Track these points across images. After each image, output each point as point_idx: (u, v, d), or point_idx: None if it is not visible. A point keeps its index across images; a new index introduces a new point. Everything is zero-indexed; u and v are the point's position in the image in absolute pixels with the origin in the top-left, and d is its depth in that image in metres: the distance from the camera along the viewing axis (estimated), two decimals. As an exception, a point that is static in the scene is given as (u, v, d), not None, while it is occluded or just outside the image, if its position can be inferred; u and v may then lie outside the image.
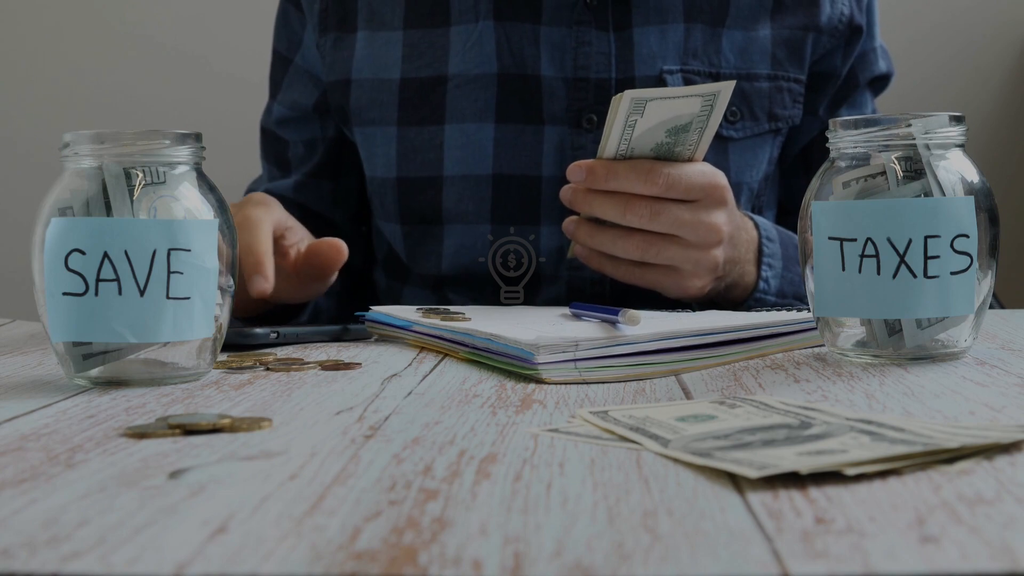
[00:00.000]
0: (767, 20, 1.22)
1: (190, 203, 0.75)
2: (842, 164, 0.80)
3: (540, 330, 0.81)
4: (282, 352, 0.90)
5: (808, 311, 0.85)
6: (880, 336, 0.79)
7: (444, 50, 1.20)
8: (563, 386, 0.73)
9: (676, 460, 0.52)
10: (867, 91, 1.30)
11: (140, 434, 0.59)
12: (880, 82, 1.31)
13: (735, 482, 0.48)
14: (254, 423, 0.61)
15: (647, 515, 0.43)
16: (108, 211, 0.74)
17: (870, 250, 0.76)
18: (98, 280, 0.72)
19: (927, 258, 0.75)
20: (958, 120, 0.79)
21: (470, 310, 0.98)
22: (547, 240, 1.19)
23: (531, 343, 0.75)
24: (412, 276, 1.26)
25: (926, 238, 0.75)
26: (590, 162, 1.01)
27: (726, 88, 0.96)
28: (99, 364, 0.74)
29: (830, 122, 0.81)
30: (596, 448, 0.55)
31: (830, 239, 0.77)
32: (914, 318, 0.77)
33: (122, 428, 0.61)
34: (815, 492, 0.46)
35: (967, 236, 0.76)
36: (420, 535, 0.41)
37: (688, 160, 1.01)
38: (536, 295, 1.20)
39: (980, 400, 0.65)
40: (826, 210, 0.78)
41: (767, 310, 1.01)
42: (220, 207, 0.76)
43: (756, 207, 1.25)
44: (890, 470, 0.48)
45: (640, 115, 0.95)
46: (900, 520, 0.42)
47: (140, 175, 0.74)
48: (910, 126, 0.78)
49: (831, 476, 0.47)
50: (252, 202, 1.08)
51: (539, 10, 1.19)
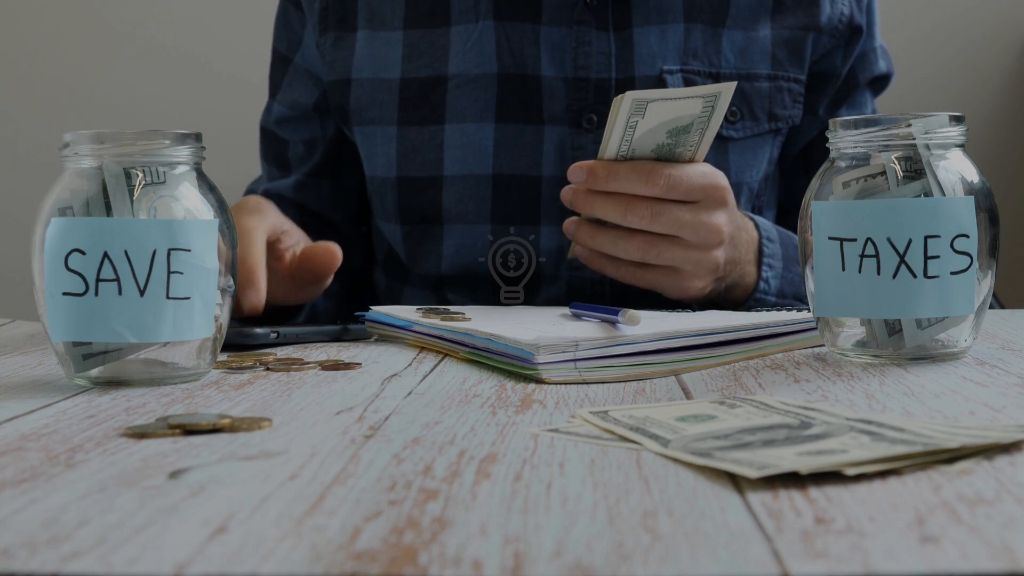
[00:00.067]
0: (767, 20, 1.22)
1: (190, 203, 0.75)
2: (842, 164, 0.80)
3: (540, 330, 0.81)
4: (282, 352, 0.90)
5: (808, 311, 0.85)
6: (880, 336, 0.78)
7: (444, 50, 1.20)
8: (563, 386, 0.73)
9: (676, 460, 0.52)
10: (867, 91, 1.30)
11: (140, 434, 0.59)
12: (880, 82, 1.31)
13: (735, 482, 0.48)
14: (254, 423, 0.61)
15: (647, 515, 0.43)
16: (108, 211, 0.74)
17: (870, 250, 0.76)
18: (98, 280, 0.72)
19: (927, 258, 0.75)
20: (958, 120, 0.79)
21: (470, 310, 0.98)
22: (547, 240, 1.19)
23: (531, 343, 0.75)
24: (412, 276, 1.26)
25: (926, 238, 0.75)
26: (591, 163, 1.01)
27: (727, 89, 0.96)
28: (99, 364, 0.74)
29: (830, 122, 0.81)
30: (596, 448, 0.55)
31: (830, 239, 0.77)
32: (914, 318, 0.77)
33: (122, 428, 0.61)
34: (815, 492, 0.46)
35: (967, 236, 0.76)
36: (420, 535, 0.41)
37: (689, 161, 1.01)
38: (536, 295, 1.20)
39: (980, 400, 0.65)
40: (826, 210, 0.78)
41: (767, 310, 1.01)
42: (220, 207, 0.76)
43: (756, 207, 1.25)
44: (890, 470, 0.48)
45: (641, 116, 0.95)
46: (900, 520, 0.42)
47: (140, 175, 0.74)
48: (910, 126, 0.78)
49: (831, 476, 0.47)
50: (246, 209, 1.07)
51: (539, 10, 1.19)
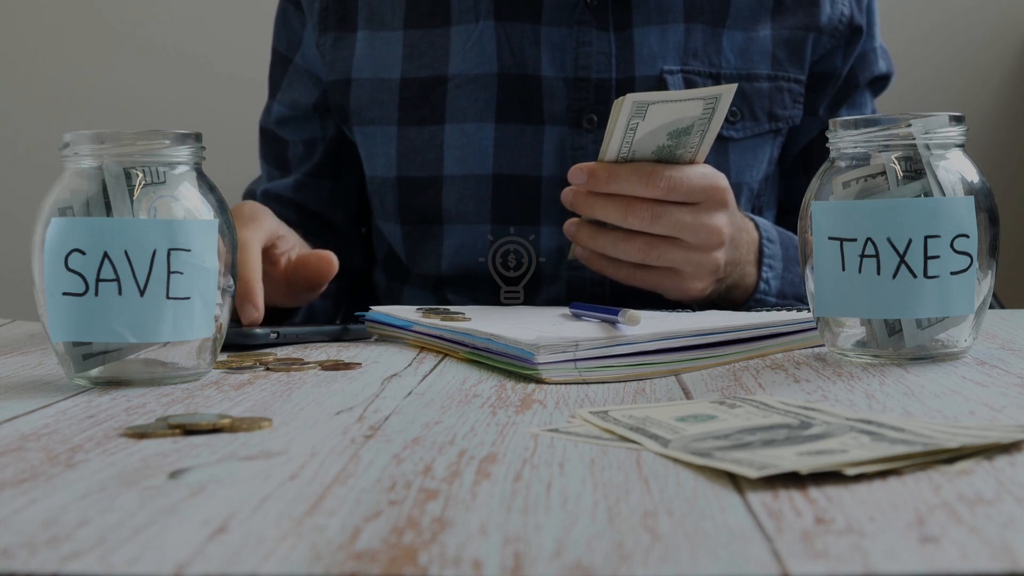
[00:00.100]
0: (767, 20, 1.22)
1: (190, 203, 0.75)
2: (842, 164, 0.80)
3: (540, 330, 0.81)
4: (282, 352, 0.90)
5: (808, 311, 0.85)
6: (880, 336, 0.78)
7: (444, 50, 1.20)
8: (563, 386, 0.73)
9: (676, 460, 0.52)
10: (867, 91, 1.30)
11: (140, 434, 0.59)
12: (880, 82, 1.31)
13: (735, 482, 0.48)
14: (254, 423, 0.61)
15: (647, 515, 0.43)
16: (108, 211, 0.74)
17: (870, 250, 0.76)
18: (98, 280, 0.72)
19: (927, 258, 0.75)
20: (958, 120, 0.79)
21: (470, 310, 0.98)
22: (547, 240, 1.19)
23: (531, 343, 0.75)
24: (412, 276, 1.26)
25: (926, 238, 0.75)
26: (591, 165, 1.01)
27: (728, 91, 0.96)
28: (99, 364, 0.74)
29: (830, 122, 0.81)
30: (596, 448, 0.55)
31: (830, 239, 0.77)
32: (914, 318, 0.77)
33: (122, 428, 0.61)
34: (815, 492, 0.46)
35: (967, 236, 0.76)
36: (420, 535, 0.41)
37: (689, 163, 1.01)
38: (536, 295, 1.20)
39: (980, 400, 0.65)
40: (826, 210, 0.78)
41: (767, 311, 1.01)
42: (220, 207, 0.76)
43: (756, 207, 1.25)
44: (890, 470, 0.48)
45: (642, 118, 0.96)
46: (900, 520, 0.42)
47: (140, 175, 0.74)
48: (910, 126, 0.78)
49: (831, 476, 0.47)
50: (242, 219, 1.02)
51: (539, 10, 1.19)
